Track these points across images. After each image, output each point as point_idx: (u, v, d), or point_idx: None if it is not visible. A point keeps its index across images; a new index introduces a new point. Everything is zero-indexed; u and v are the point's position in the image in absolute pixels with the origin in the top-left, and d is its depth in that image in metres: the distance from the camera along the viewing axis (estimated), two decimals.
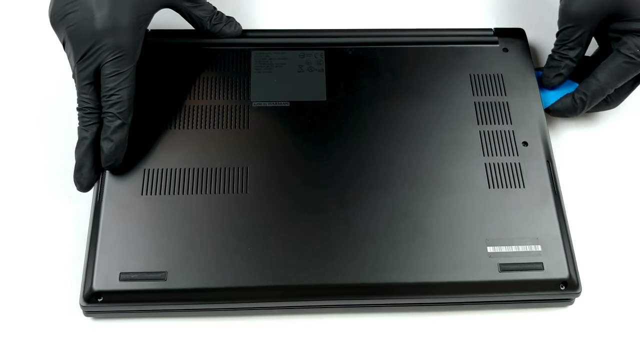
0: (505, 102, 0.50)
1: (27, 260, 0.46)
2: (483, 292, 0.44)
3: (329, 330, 0.44)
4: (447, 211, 0.45)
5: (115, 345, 0.43)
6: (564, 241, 0.45)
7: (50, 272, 0.45)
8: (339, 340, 0.44)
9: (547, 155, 0.48)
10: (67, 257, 0.46)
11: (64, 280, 0.45)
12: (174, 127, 0.48)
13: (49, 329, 0.43)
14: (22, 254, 0.46)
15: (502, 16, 0.57)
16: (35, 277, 0.45)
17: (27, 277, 0.45)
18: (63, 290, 0.44)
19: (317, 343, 0.44)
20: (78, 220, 0.47)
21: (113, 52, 0.44)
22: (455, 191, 0.46)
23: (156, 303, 0.43)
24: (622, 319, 0.45)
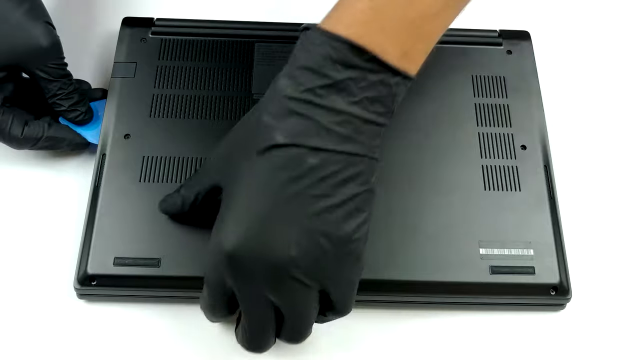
0: (506, 105, 0.50)
1: (23, 243, 0.46)
2: (473, 294, 0.44)
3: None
4: (441, 211, 0.45)
5: (107, 329, 0.44)
6: (556, 246, 0.45)
7: (45, 255, 0.46)
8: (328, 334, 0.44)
9: (545, 160, 0.48)
10: (64, 240, 0.46)
11: (59, 263, 0.45)
12: (175, 115, 0.48)
13: (42, 310, 0.44)
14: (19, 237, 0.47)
15: (509, 18, 0.57)
16: (31, 260, 0.46)
17: (22, 260, 0.46)
18: (58, 273, 0.45)
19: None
20: (76, 204, 0.47)
21: None
22: (450, 191, 0.46)
23: (149, 289, 0.43)
24: (613, 326, 0.45)
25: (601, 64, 0.56)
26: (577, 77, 0.55)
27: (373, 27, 0.34)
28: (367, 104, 0.35)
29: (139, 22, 0.53)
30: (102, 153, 0.46)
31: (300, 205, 0.34)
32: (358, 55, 0.34)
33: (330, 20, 0.35)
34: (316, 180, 0.34)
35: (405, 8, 0.35)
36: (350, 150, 0.35)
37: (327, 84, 0.34)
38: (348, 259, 0.36)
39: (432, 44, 0.37)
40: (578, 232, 0.48)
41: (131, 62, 0.51)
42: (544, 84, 0.51)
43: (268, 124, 0.35)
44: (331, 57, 0.34)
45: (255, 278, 0.35)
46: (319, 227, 0.34)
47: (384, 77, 0.35)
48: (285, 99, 0.35)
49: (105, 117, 0.48)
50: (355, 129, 0.35)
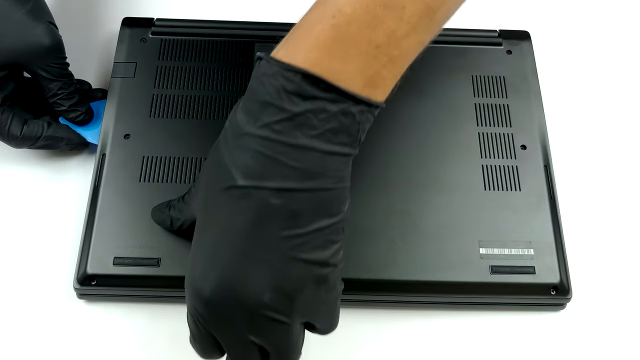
0: (506, 105, 0.50)
1: (23, 243, 0.46)
2: (473, 293, 0.44)
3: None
4: (441, 211, 0.45)
5: (107, 329, 0.44)
6: (557, 246, 0.45)
7: (45, 255, 0.46)
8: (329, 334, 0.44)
9: (545, 160, 0.48)
10: (64, 240, 0.46)
11: (59, 263, 0.45)
12: (174, 116, 0.48)
13: (41, 309, 0.44)
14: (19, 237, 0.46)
15: (509, 19, 0.57)
16: (31, 260, 0.46)
17: (22, 260, 0.46)
18: (58, 272, 0.45)
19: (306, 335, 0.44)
20: (76, 204, 0.47)
21: None
22: (451, 191, 0.46)
23: (148, 288, 0.43)
24: (613, 325, 0.45)
25: (601, 64, 0.56)
26: (577, 77, 0.55)
27: (335, 52, 0.32)
28: (330, 136, 0.32)
29: (139, 22, 0.53)
30: (102, 153, 0.47)
31: (269, 247, 0.33)
32: (314, 86, 0.31)
33: (288, 46, 0.33)
34: (282, 220, 0.32)
35: (370, 31, 0.32)
36: (314, 186, 0.33)
37: (285, 117, 0.32)
38: (324, 289, 0.35)
39: (403, 68, 0.34)
40: (578, 231, 0.48)
41: (131, 62, 0.51)
42: (543, 83, 0.51)
43: (227, 162, 0.33)
44: (285, 88, 0.32)
45: (234, 322, 0.34)
46: (290, 266, 0.33)
47: (345, 107, 0.32)
48: (243, 136, 0.33)
49: (105, 117, 0.48)
50: (319, 163, 0.32)
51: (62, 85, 0.46)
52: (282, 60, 0.32)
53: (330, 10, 0.32)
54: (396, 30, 0.33)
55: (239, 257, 0.33)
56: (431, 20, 0.34)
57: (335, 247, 0.34)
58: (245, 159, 0.32)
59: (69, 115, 0.47)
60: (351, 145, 0.34)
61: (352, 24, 0.32)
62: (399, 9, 0.32)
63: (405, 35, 0.33)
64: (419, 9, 0.33)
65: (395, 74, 0.34)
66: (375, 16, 0.32)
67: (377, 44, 0.32)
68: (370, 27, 0.32)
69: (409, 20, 0.33)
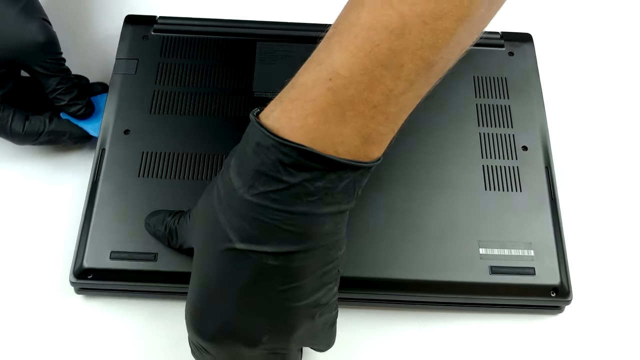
0: (507, 106, 0.50)
1: (21, 237, 0.46)
2: (473, 294, 0.43)
3: None
4: (442, 210, 0.45)
5: (102, 323, 0.43)
6: (557, 248, 0.44)
7: (43, 248, 0.46)
8: None
9: (546, 161, 0.47)
10: (62, 234, 0.46)
11: (57, 256, 0.45)
12: (175, 112, 0.48)
13: (37, 302, 0.44)
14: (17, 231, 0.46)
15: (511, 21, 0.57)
16: (29, 254, 0.46)
17: (20, 253, 0.46)
18: (55, 266, 0.45)
19: None
20: (75, 198, 0.47)
21: None
22: (451, 191, 0.46)
23: (145, 283, 0.43)
24: (613, 329, 0.45)
25: (603, 66, 0.56)
26: (579, 79, 0.55)
27: (331, 116, 0.31)
28: (327, 199, 0.32)
29: (141, 19, 0.53)
30: (101, 148, 0.46)
31: (267, 301, 0.33)
32: (311, 159, 0.31)
33: (284, 109, 0.32)
34: (279, 278, 0.33)
35: (368, 93, 0.31)
36: (311, 246, 0.33)
37: (282, 188, 0.32)
38: (319, 321, 0.36)
39: (400, 122, 0.33)
40: (579, 233, 0.48)
41: (133, 59, 0.51)
42: (545, 85, 0.51)
43: (223, 224, 0.33)
44: (282, 162, 0.31)
45: (235, 356, 0.35)
46: (287, 314, 0.34)
47: (343, 173, 0.32)
48: (240, 200, 0.32)
49: (106, 113, 0.48)
50: (316, 225, 0.32)
51: (61, 81, 0.46)
52: (278, 134, 0.31)
53: (326, 72, 0.31)
54: (394, 89, 0.31)
55: (238, 308, 0.34)
56: (429, 74, 0.32)
57: (329, 287, 0.35)
58: (242, 224, 0.32)
59: (69, 109, 0.47)
60: (348, 201, 0.33)
61: (349, 87, 0.31)
62: (397, 68, 0.31)
63: (403, 92, 0.32)
64: (417, 66, 0.31)
65: (392, 128, 0.33)
66: (373, 77, 0.31)
67: (374, 104, 0.31)
68: (367, 88, 0.31)
69: (407, 78, 0.31)
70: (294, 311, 0.34)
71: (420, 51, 0.31)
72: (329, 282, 0.35)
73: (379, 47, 0.31)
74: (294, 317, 0.34)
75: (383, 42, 0.30)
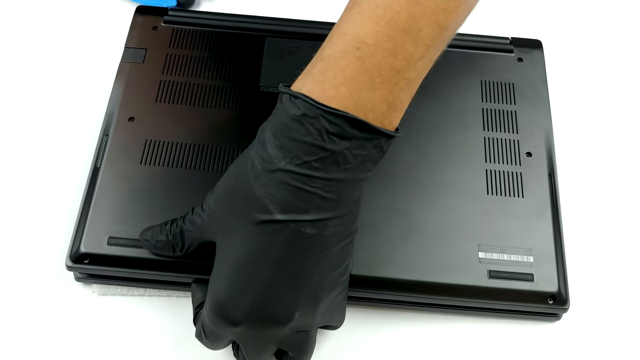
0: (513, 111, 0.49)
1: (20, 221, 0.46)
2: (470, 297, 0.43)
3: None
4: (443, 213, 0.45)
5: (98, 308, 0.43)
6: (557, 255, 0.44)
7: (41, 232, 0.46)
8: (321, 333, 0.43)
9: (549, 168, 0.47)
10: (61, 218, 0.46)
11: (55, 240, 0.45)
12: (180, 102, 0.48)
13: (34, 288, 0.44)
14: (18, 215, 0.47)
15: (522, 27, 0.57)
16: (26, 237, 0.46)
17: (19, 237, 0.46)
18: (52, 250, 0.45)
19: None
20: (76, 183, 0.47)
21: None
22: (453, 194, 0.46)
23: (141, 270, 0.43)
24: (610, 338, 0.44)
25: (611, 76, 0.56)
26: (587, 87, 0.55)
27: (362, 84, 0.33)
28: (360, 166, 0.34)
29: (152, 10, 0.53)
30: (105, 134, 0.47)
31: (303, 273, 0.35)
32: (356, 127, 0.33)
33: (315, 80, 0.33)
34: (316, 247, 0.34)
35: (392, 58, 0.33)
36: (344, 212, 0.34)
37: (325, 156, 0.33)
38: (339, 295, 0.38)
39: (416, 87, 0.35)
40: (579, 241, 0.47)
41: (142, 48, 0.51)
42: (553, 92, 0.51)
43: (262, 197, 0.34)
44: (328, 130, 0.32)
45: (262, 338, 0.37)
46: (321, 286, 0.35)
47: (378, 142, 0.34)
48: (280, 172, 0.33)
49: (112, 100, 0.48)
50: (349, 191, 0.34)
51: None
52: (321, 102, 0.33)
53: (352, 42, 0.33)
54: (414, 53, 0.34)
55: (274, 284, 0.34)
56: (442, 38, 0.35)
57: (350, 259, 0.37)
58: (283, 194, 0.33)
59: None
60: (372, 169, 0.35)
61: (376, 54, 0.33)
62: (416, 33, 0.33)
63: (421, 56, 0.34)
64: (433, 30, 0.34)
65: (410, 94, 0.35)
66: (396, 43, 0.33)
67: (397, 70, 0.33)
68: (392, 54, 0.33)
69: (425, 42, 0.34)
70: (326, 283, 0.35)
71: (434, 16, 0.34)
72: (349, 253, 0.36)
73: (398, 14, 0.33)
74: (324, 289, 0.35)
75: (402, 9, 0.33)
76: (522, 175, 0.47)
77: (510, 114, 0.49)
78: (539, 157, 0.48)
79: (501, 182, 0.46)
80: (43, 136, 0.50)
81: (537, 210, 0.45)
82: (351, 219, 0.35)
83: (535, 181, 0.47)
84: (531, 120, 0.49)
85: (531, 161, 0.47)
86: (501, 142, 0.48)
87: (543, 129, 0.49)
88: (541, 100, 0.50)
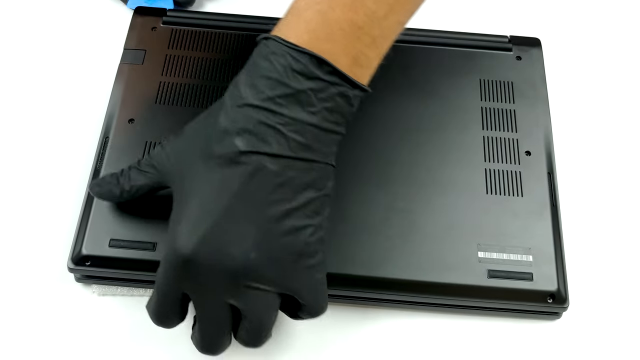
0: (512, 110, 0.49)
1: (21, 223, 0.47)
2: (469, 296, 0.43)
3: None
4: (442, 212, 0.45)
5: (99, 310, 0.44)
6: (556, 254, 0.44)
7: (43, 234, 0.46)
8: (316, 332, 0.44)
9: (549, 167, 0.47)
10: (62, 221, 0.46)
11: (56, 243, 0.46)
12: (180, 104, 0.48)
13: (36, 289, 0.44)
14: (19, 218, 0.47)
15: (520, 25, 0.57)
16: (28, 240, 0.46)
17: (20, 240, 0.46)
18: (54, 252, 0.45)
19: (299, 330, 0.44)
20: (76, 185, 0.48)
21: None
22: (452, 193, 0.46)
23: (143, 272, 0.43)
24: (610, 337, 0.44)
25: (611, 74, 0.56)
26: (586, 86, 0.55)
27: (322, 34, 0.35)
28: (326, 114, 0.35)
29: (151, 11, 0.53)
30: (105, 136, 0.47)
31: (259, 210, 0.34)
32: (319, 68, 0.34)
33: (280, 31, 0.36)
34: (275, 185, 0.34)
35: (352, 13, 0.35)
36: (308, 157, 0.35)
37: (288, 93, 0.34)
38: (304, 263, 0.36)
39: (385, 48, 0.37)
40: (578, 240, 0.47)
41: (141, 49, 0.51)
42: (552, 91, 0.51)
43: (228, 130, 0.35)
44: (292, 67, 0.34)
45: (213, 283, 0.35)
46: (277, 231, 0.35)
47: (344, 90, 0.35)
48: (246, 107, 0.35)
49: (111, 101, 0.48)
50: (314, 137, 0.35)
51: None
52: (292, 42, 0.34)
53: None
54: (376, 11, 0.35)
55: (228, 217, 0.34)
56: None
57: (318, 220, 0.36)
58: (247, 127, 0.35)
59: None
60: (342, 125, 0.36)
61: (336, 8, 0.35)
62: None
63: (385, 15, 0.36)
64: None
65: (378, 53, 0.37)
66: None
67: (359, 25, 0.35)
68: (352, 9, 0.35)
69: (387, 1, 0.36)
70: (282, 229, 0.35)
71: None
72: (317, 212, 0.36)
73: None
74: (281, 236, 0.35)
75: None
76: (521, 174, 0.47)
77: (509, 113, 0.49)
78: (538, 156, 0.48)
79: (501, 181, 0.47)
80: (43, 139, 0.50)
81: (537, 209, 0.45)
82: (322, 172, 0.36)
83: (534, 180, 0.47)
84: (530, 119, 0.49)
85: (530, 160, 0.48)
86: (500, 141, 0.48)
87: (542, 128, 0.49)
88: (540, 98, 0.50)
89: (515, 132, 0.49)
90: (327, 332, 0.44)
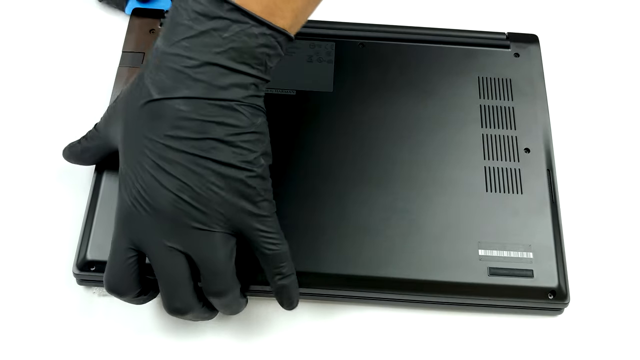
0: (511, 107, 0.50)
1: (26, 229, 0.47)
2: (470, 294, 0.44)
3: (311, 317, 0.44)
4: (442, 210, 0.45)
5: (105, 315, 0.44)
6: (556, 251, 0.44)
7: (47, 240, 0.46)
8: (319, 330, 0.44)
9: (548, 164, 0.48)
10: (67, 226, 0.46)
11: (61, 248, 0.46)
12: None
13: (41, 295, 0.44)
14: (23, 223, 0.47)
15: (518, 22, 0.57)
16: (33, 245, 0.46)
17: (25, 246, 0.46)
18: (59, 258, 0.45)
19: (299, 330, 0.44)
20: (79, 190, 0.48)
21: None
22: (452, 191, 0.46)
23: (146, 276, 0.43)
24: (611, 332, 0.45)
25: (609, 70, 0.56)
26: (584, 82, 0.55)
27: None
28: (234, 54, 0.36)
29: (148, 13, 0.53)
30: None
31: (182, 150, 0.36)
32: (219, 7, 0.35)
33: None
34: (193, 126, 0.36)
35: None
36: (218, 97, 0.36)
37: (192, 35, 0.35)
38: (248, 202, 0.37)
39: (298, 3, 0.37)
40: (579, 237, 0.48)
41: (139, 52, 0.51)
42: (550, 88, 0.51)
43: (146, 82, 0.37)
44: (194, 9, 0.35)
45: (151, 229, 0.37)
46: (202, 166, 0.36)
47: (247, 27, 0.35)
48: (158, 55, 0.37)
49: None
50: (224, 78, 0.36)
51: None
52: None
53: None
54: None
55: (156, 161, 0.36)
56: None
57: (250, 156, 0.37)
58: (159, 75, 0.36)
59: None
60: (257, 67, 0.37)
61: None
62: None
63: None
64: None
65: (293, 7, 0.37)
66: None
67: None
68: None
69: None
70: (209, 166, 0.36)
71: None
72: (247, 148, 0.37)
73: None
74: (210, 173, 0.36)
75: None
76: (520, 171, 0.47)
77: (508, 110, 0.50)
78: (537, 153, 0.48)
79: (500, 179, 0.47)
80: (44, 143, 0.50)
81: (536, 206, 0.46)
82: (235, 109, 0.36)
83: (534, 177, 0.47)
84: (529, 116, 0.49)
85: (529, 157, 0.48)
86: (499, 139, 0.48)
87: (541, 125, 0.49)
88: (538, 95, 0.50)
89: (514, 130, 0.49)
90: (328, 332, 0.44)
